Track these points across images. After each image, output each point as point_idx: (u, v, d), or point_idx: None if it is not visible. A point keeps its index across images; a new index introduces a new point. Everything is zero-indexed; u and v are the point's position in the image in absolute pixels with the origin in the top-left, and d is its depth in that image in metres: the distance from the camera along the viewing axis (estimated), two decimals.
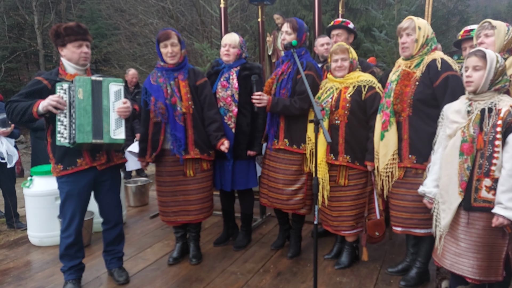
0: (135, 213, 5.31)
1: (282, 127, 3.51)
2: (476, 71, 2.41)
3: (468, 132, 2.42)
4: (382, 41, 7.11)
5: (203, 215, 3.62)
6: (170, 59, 3.37)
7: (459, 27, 11.96)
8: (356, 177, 3.34)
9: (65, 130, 2.92)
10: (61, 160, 3.04)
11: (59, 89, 2.91)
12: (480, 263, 2.43)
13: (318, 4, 5.06)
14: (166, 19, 14.39)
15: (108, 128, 3.00)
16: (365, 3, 11.00)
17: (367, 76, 3.32)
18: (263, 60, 6.49)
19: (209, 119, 3.48)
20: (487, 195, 2.37)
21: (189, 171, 3.49)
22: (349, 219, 3.39)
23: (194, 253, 3.76)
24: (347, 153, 3.28)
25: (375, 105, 3.20)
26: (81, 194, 3.11)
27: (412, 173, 2.99)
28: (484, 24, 2.85)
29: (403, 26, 2.97)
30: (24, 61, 19.18)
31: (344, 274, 3.44)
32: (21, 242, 4.41)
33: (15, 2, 17.65)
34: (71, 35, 2.97)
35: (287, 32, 3.45)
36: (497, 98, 2.41)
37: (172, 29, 3.43)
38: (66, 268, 3.23)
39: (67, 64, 3.05)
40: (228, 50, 3.66)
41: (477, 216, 2.42)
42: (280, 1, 11.21)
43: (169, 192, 3.56)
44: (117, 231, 3.41)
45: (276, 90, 3.49)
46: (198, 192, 3.54)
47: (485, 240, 2.42)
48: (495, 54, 2.42)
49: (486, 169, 2.37)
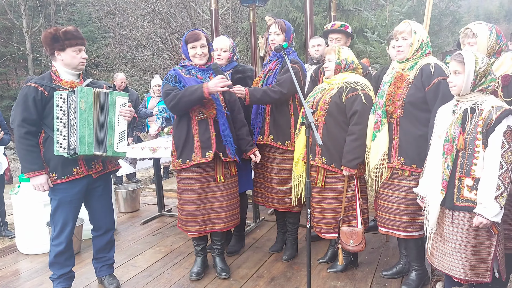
0: (126, 219, 5.22)
1: (267, 123, 3.52)
2: (456, 76, 2.45)
3: (450, 131, 2.45)
4: (374, 42, 7.11)
5: (233, 223, 3.45)
6: (198, 59, 3.24)
7: (451, 27, 12.03)
8: (334, 180, 3.29)
9: (64, 140, 2.87)
10: (56, 169, 2.97)
11: (57, 97, 2.85)
12: (466, 262, 2.44)
13: (309, 5, 5.03)
14: (157, 22, 14.32)
15: (112, 141, 3.00)
16: (357, 4, 11.04)
17: (353, 78, 3.25)
18: (255, 62, 6.45)
19: (241, 122, 3.40)
20: (469, 194, 2.40)
21: (219, 176, 3.32)
22: (327, 222, 3.36)
23: (222, 267, 3.52)
24: (323, 154, 3.25)
25: (354, 108, 3.15)
26: (73, 201, 3.05)
27: (398, 175, 3.02)
28: (466, 31, 2.85)
29: (399, 30, 2.99)
30: (13, 65, 18.97)
31: (338, 278, 3.40)
32: (9, 250, 4.31)
33: (3, 6, 17.47)
34: (71, 39, 2.90)
35: (275, 32, 3.48)
36: (482, 98, 2.44)
37: (201, 31, 3.31)
38: (56, 277, 3.15)
39: (62, 70, 2.96)
40: (220, 54, 3.67)
41: (461, 216, 2.44)
42: (272, 3, 11.21)
43: (197, 200, 3.32)
44: (108, 237, 3.34)
45: (262, 86, 3.50)
46: (229, 198, 3.38)
47: (470, 240, 2.43)
48: (475, 57, 2.41)
49: (467, 169, 2.40)
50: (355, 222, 3.28)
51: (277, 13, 10.80)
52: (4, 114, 9.06)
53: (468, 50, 2.60)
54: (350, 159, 3.15)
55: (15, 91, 16.38)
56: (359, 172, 3.28)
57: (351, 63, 3.31)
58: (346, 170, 3.17)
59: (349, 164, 3.16)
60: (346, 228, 3.27)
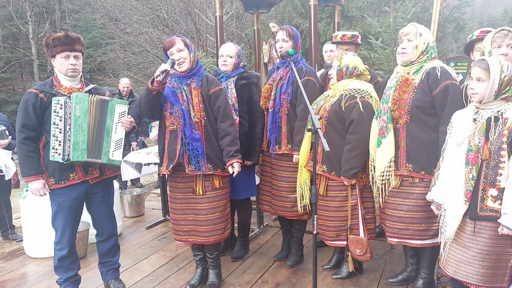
0: (131, 223, 5.25)
1: (284, 132, 3.50)
2: (479, 83, 2.36)
3: (473, 141, 2.37)
4: (378, 48, 7.13)
5: (214, 238, 3.25)
6: (178, 66, 3.09)
7: (455, 34, 12.04)
8: (335, 189, 3.26)
9: (59, 146, 2.87)
10: (53, 174, 2.98)
11: (55, 103, 2.86)
12: (486, 270, 2.40)
13: (313, 12, 5.05)
14: (161, 28, 14.43)
15: (108, 149, 2.99)
16: (360, 10, 11.06)
17: (355, 85, 3.19)
18: (259, 68, 6.48)
19: (223, 131, 3.17)
20: (493, 204, 2.32)
21: (198, 188, 3.19)
22: (330, 229, 3.34)
23: (211, 281, 3.39)
24: (324, 162, 3.24)
25: (351, 116, 3.10)
26: (71, 206, 3.05)
27: (408, 182, 2.95)
28: (503, 31, 2.73)
29: (404, 32, 2.93)
30: (19, 71, 19.15)
31: (343, 285, 3.40)
32: (16, 253, 4.34)
33: (9, 12, 17.64)
34: (58, 46, 2.89)
35: (284, 40, 3.45)
36: (505, 106, 2.35)
37: (177, 35, 3.17)
38: (62, 280, 3.18)
39: (60, 76, 3.00)
40: (226, 60, 3.66)
41: (483, 225, 2.38)
42: (275, 9, 11.25)
43: (180, 209, 3.28)
44: (111, 243, 3.35)
45: (276, 95, 3.49)
46: (208, 212, 3.21)
47: (492, 248, 2.38)
48: (501, 64, 2.34)
49: (491, 179, 2.32)
50: (357, 232, 3.25)
51: (281, 20, 10.85)
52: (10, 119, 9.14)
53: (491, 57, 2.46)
54: (347, 169, 3.12)
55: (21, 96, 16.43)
56: (360, 182, 3.23)
57: (354, 69, 3.24)
58: (344, 180, 3.16)
59: (346, 174, 3.13)
60: (352, 236, 3.25)
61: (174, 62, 3.05)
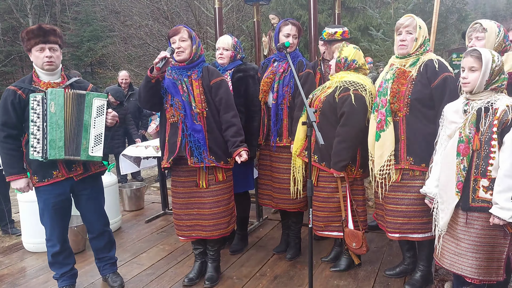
0: (131, 217, 5.25)
1: (285, 125, 3.50)
2: (472, 72, 2.38)
3: (464, 132, 2.38)
4: (379, 40, 7.08)
5: (218, 232, 3.22)
6: (177, 55, 3.04)
7: (458, 25, 11.96)
8: (325, 179, 3.27)
9: (38, 144, 2.81)
10: (37, 172, 2.93)
11: (32, 100, 2.78)
12: (480, 262, 2.41)
13: (314, 3, 5.01)
14: (161, 21, 14.36)
15: (87, 145, 2.90)
16: (362, 2, 11.00)
17: (351, 77, 3.16)
18: (259, 60, 6.44)
19: (226, 122, 3.13)
20: (485, 195, 2.34)
21: (201, 181, 3.15)
22: (319, 220, 3.35)
23: (210, 274, 3.37)
24: (315, 152, 3.25)
25: (342, 108, 3.09)
26: (57, 203, 3.00)
27: (409, 176, 2.93)
28: (475, 25, 2.81)
29: (404, 23, 2.89)
30: (19, 64, 19.10)
31: (341, 277, 3.40)
32: (15, 248, 4.35)
33: (9, 5, 17.59)
34: (31, 39, 2.79)
35: (294, 36, 3.46)
36: (494, 97, 2.37)
37: (184, 25, 3.13)
38: (58, 275, 3.19)
39: (38, 70, 2.91)
40: (222, 53, 3.63)
41: (476, 216, 2.39)
42: (276, 1, 11.20)
43: (182, 204, 3.24)
44: (105, 239, 3.31)
45: (279, 87, 3.48)
46: (212, 206, 3.17)
47: (485, 239, 2.39)
48: (492, 54, 2.36)
49: (482, 170, 2.34)
50: (346, 223, 3.25)
51: (281, 11, 10.79)
52: None
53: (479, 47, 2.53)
54: (336, 161, 3.12)
55: None
56: (350, 174, 3.22)
57: (352, 62, 3.21)
58: (334, 172, 3.16)
59: (335, 166, 3.12)
60: (348, 229, 3.25)
61: (173, 50, 3.02)
